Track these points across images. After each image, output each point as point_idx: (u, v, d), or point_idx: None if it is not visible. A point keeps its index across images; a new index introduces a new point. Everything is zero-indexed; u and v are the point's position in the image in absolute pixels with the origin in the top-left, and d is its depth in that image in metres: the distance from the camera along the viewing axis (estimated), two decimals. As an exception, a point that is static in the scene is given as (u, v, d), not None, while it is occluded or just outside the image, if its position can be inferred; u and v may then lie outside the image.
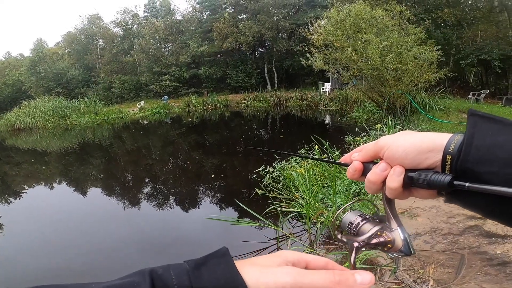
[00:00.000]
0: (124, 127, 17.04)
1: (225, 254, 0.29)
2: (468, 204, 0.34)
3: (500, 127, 0.33)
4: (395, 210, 0.38)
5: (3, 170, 9.93)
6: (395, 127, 6.50)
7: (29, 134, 17.36)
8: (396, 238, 0.35)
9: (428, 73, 7.83)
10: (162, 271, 0.26)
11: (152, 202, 5.37)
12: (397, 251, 0.35)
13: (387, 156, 0.38)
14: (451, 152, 0.34)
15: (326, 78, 17.98)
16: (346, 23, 7.92)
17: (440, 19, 14.07)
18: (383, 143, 0.39)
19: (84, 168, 8.73)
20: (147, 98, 24.79)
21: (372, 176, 0.39)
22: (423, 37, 8.12)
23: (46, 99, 21.51)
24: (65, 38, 30.77)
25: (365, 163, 0.41)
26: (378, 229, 0.37)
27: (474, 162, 0.32)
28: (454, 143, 0.34)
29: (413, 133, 0.38)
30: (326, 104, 15.71)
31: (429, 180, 0.34)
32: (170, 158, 9.04)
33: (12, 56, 37.32)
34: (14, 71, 29.07)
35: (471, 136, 0.33)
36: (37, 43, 30.15)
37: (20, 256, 3.68)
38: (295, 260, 0.31)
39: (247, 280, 0.26)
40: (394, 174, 0.37)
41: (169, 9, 29.13)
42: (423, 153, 0.35)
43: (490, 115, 0.34)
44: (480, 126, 0.33)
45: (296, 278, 0.27)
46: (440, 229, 2.45)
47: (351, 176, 0.42)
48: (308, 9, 23.03)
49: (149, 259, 3.30)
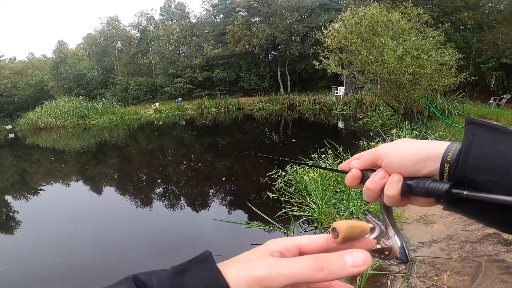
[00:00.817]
0: (139, 128, 17.44)
1: (208, 258, 0.28)
2: (467, 212, 0.34)
3: (499, 136, 0.33)
4: (392, 218, 0.39)
5: (23, 167, 10.36)
6: (411, 132, 6.36)
7: (49, 133, 18.03)
8: (394, 245, 0.35)
9: (447, 77, 7.62)
10: (145, 277, 0.26)
11: (164, 202, 5.46)
12: (394, 259, 0.36)
13: (385, 164, 0.38)
14: (449, 160, 0.34)
15: (340, 82, 17.81)
16: (361, 26, 7.83)
17: (459, 22, 13.68)
18: (382, 151, 0.39)
19: (101, 167, 8.98)
20: (162, 99, 25.28)
21: (370, 184, 0.39)
22: (442, 40, 7.93)
23: (67, 99, 22.32)
24: (86, 40, 31.87)
25: (363, 170, 0.41)
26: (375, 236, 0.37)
27: (472, 170, 0.32)
28: (452, 152, 0.34)
29: (412, 141, 0.38)
30: (339, 108, 15.54)
31: (427, 188, 0.34)
32: (182, 159, 9.18)
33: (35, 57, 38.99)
34: (37, 72, 30.29)
35: (469, 144, 0.33)
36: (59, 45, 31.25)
37: (35, 252, 3.81)
38: (283, 248, 0.29)
39: (229, 280, 0.25)
40: (392, 182, 0.37)
41: (183, 12, 29.67)
42: (421, 161, 0.35)
43: (489, 123, 0.34)
44: (479, 135, 0.33)
45: (270, 269, 0.25)
46: (457, 236, 2.38)
47: (349, 183, 0.42)
48: (321, 12, 22.94)
49: (160, 259, 3.35)
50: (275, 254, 0.28)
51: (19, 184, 8.01)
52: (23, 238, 4.38)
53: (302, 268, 0.25)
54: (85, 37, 31.85)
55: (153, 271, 0.26)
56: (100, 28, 30.19)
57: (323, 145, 4.93)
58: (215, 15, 28.63)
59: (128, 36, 29.47)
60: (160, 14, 31.13)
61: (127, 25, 30.26)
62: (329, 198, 3.43)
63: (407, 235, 2.58)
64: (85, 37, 31.85)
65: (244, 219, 4.04)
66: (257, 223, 3.56)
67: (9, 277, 3.19)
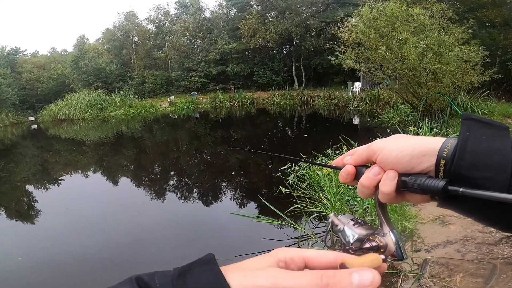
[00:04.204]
0: (155, 120, 17.79)
1: (211, 260, 0.27)
2: (462, 209, 0.34)
3: (495, 131, 0.32)
4: (387, 214, 0.38)
5: (45, 157, 10.82)
6: (431, 130, 6.19)
7: (70, 124, 18.70)
8: (389, 242, 0.35)
9: (471, 75, 7.33)
10: (147, 278, 0.26)
11: (177, 194, 5.58)
12: (389, 256, 0.35)
13: (380, 160, 0.37)
14: (444, 156, 0.33)
15: (357, 78, 17.42)
16: (379, 21, 7.61)
17: (485, 19, 13.05)
18: (376, 147, 0.38)
19: (117, 159, 9.26)
20: (177, 93, 25.61)
21: (365, 181, 0.38)
22: (466, 37, 7.61)
23: (87, 92, 23.05)
24: (105, 35, 32.53)
25: (357, 166, 0.40)
26: (370, 233, 0.36)
27: (468, 167, 0.31)
28: (448, 148, 0.33)
29: (407, 137, 0.38)
30: (355, 104, 15.25)
31: (423, 185, 0.33)
32: (196, 152, 9.32)
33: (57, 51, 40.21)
34: (58, 66, 31.34)
35: (464, 140, 0.32)
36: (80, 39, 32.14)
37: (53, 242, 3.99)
38: (289, 258, 0.29)
39: (232, 286, 0.25)
40: (387, 178, 0.36)
41: (198, 6, 29.73)
42: (417, 157, 0.35)
43: (485, 119, 0.34)
44: (474, 130, 0.33)
45: (276, 281, 0.25)
46: (474, 238, 2.32)
47: (343, 180, 0.41)
48: (337, 6, 22.38)
49: (174, 251, 3.45)
50: (281, 264, 0.28)
51: (41, 174, 8.39)
52: (43, 227, 4.58)
53: (307, 284, 0.25)
54: (104, 32, 32.54)
55: (155, 272, 0.27)
56: (118, 23, 30.75)
57: (338, 140, 4.88)
58: (228, 9, 28.54)
59: (144, 31, 29.89)
60: (175, 8, 31.33)
61: (144, 20, 30.70)
62: (342, 195, 3.41)
63: (422, 235, 2.54)
64: (104, 32, 32.54)
65: (256, 213, 4.08)
66: (268, 218, 3.59)
67: (29, 267, 3.32)
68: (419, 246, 2.37)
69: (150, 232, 3.96)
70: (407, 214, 2.83)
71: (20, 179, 7.78)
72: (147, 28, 30.41)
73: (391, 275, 2.06)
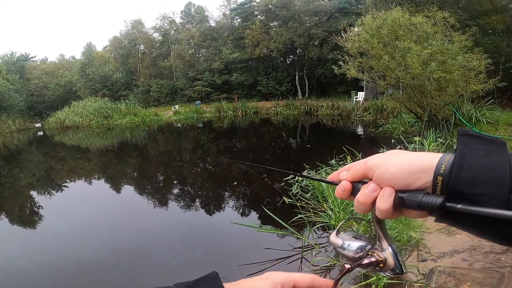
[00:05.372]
0: (159, 129, 17.92)
1: (215, 278, 0.29)
2: (460, 225, 0.34)
3: (492, 147, 0.32)
4: (385, 229, 0.38)
5: (50, 164, 10.90)
6: (436, 140, 6.14)
7: (75, 131, 18.91)
8: (388, 257, 0.35)
9: (475, 83, 7.30)
10: None
11: (180, 203, 5.56)
12: (389, 271, 0.35)
13: (376, 177, 0.37)
14: (442, 173, 0.33)
15: (360, 87, 17.49)
16: (382, 30, 7.68)
17: (488, 26, 13.10)
18: (373, 163, 0.38)
19: (121, 166, 9.30)
20: (181, 102, 25.90)
21: (361, 197, 0.38)
22: (469, 45, 7.62)
23: (93, 99, 23.41)
24: (112, 43, 33.23)
25: (354, 182, 0.40)
26: (369, 248, 0.37)
27: (465, 183, 0.31)
28: (445, 164, 0.33)
29: (403, 153, 0.38)
30: (359, 114, 15.25)
31: (420, 201, 0.33)
32: (199, 161, 9.33)
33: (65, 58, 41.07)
34: (66, 72, 31.94)
35: (461, 157, 0.32)
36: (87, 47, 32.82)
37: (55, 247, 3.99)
38: (283, 280, 0.33)
39: None
40: (384, 195, 0.36)
41: (203, 15, 30.32)
42: (414, 173, 0.35)
43: (482, 135, 0.34)
44: (471, 146, 0.33)
45: None
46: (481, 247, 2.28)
47: (340, 195, 0.41)
48: (340, 16, 22.70)
49: (177, 259, 3.42)
50: (278, 287, 0.32)
51: (45, 180, 8.44)
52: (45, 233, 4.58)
53: None
54: (111, 40, 33.24)
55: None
56: (125, 31, 31.45)
57: (342, 151, 4.86)
58: (232, 19, 29.06)
59: (150, 39, 30.50)
60: (180, 17, 32.00)
61: (150, 28, 31.34)
62: (346, 205, 3.38)
63: (428, 245, 2.49)
64: (111, 40, 33.24)
65: (259, 222, 4.04)
66: (270, 227, 3.55)
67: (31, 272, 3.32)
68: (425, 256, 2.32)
69: (153, 240, 3.93)
70: (412, 224, 2.78)
71: (24, 184, 7.83)
72: (153, 36, 31.02)
73: (397, 285, 2.02)
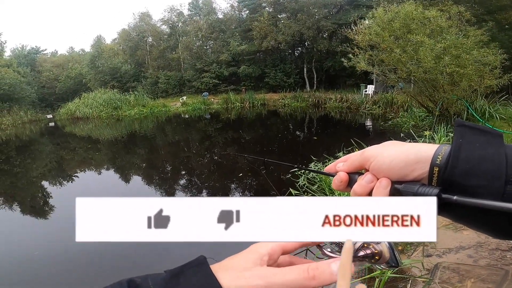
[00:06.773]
0: (167, 120, 18.08)
1: (202, 262, 0.28)
2: (455, 217, 0.34)
3: (488, 138, 0.32)
4: None
5: (61, 154, 11.16)
6: (447, 134, 6.06)
7: (86, 122, 19.24)
8: (383, 250, 0.35)
9: (490, 78, 7.13)
10: (140, 280, 0.27)
11: (187, 194, 5.66)
12: (384, 263, 0.35)
13: (373, 168, 0.37)
14: (438, 163, 0.33)
15: (370, 80, 17.21)
16: (394, 24, 7.52)
17: (505, 21, 12.69)
18: (369, 154, 0.38)
19: (130, 157, 9.47)
20: (189, 93, 25.96)
21: (358, 188, 0.38)
22: (485, 40, 7.42)
23: (102, 91, 23.69)
24: (120, 35, 33.33)
25: (350, 174, 0.40)
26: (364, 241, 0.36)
27: (462, 174, 0.31)
28: (442, 155, 0.33)
29: (400, 144, 0.37)
30: (368, 107, 15.05)
31: (416, 193, 0.33)
32: (206, 152, 9.42)
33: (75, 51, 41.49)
34: (76, 65, 32.33)
35: (458, 147, 0.32)
36: (97, 40, 33.05)
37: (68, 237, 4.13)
38: (269, 250, 0.31)
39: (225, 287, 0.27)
40: (380, 186, 0.36)
41: (211, 7, 30.05)
42: (410, 164, 0.34)
43: (478, 126, 0.34)
44: (467, 137, 0.32)
45: (268, 280, 0.27)
46: (488, 244, 2.28)
47: (336, 187, 0.41)
48: (350, 8, 22.19)
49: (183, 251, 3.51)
50: (265, 258, 0.30)
51: (56, 170, 8.66)
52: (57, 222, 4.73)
53: (295, 278, 0.27)
54: (120, 32, 33.33)
55: (148, 274, 0.28)
56: (133, 24, 31.46)
57: (349, 144, 4.84)
58: (240, 11, 28.73)
59: (158, 31, 30.47)
60: (188, 9, 31.78)
61: (158, 20, 31.27)
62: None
63: (433, 240, 2.49)
64: (120, 32, 33.33)
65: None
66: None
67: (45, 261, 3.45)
68: (431, 251, 2.33)
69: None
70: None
71: (36, 174, 8.06)
72: (161, 29, 30.97)
73: (400, 280, 2.04)
